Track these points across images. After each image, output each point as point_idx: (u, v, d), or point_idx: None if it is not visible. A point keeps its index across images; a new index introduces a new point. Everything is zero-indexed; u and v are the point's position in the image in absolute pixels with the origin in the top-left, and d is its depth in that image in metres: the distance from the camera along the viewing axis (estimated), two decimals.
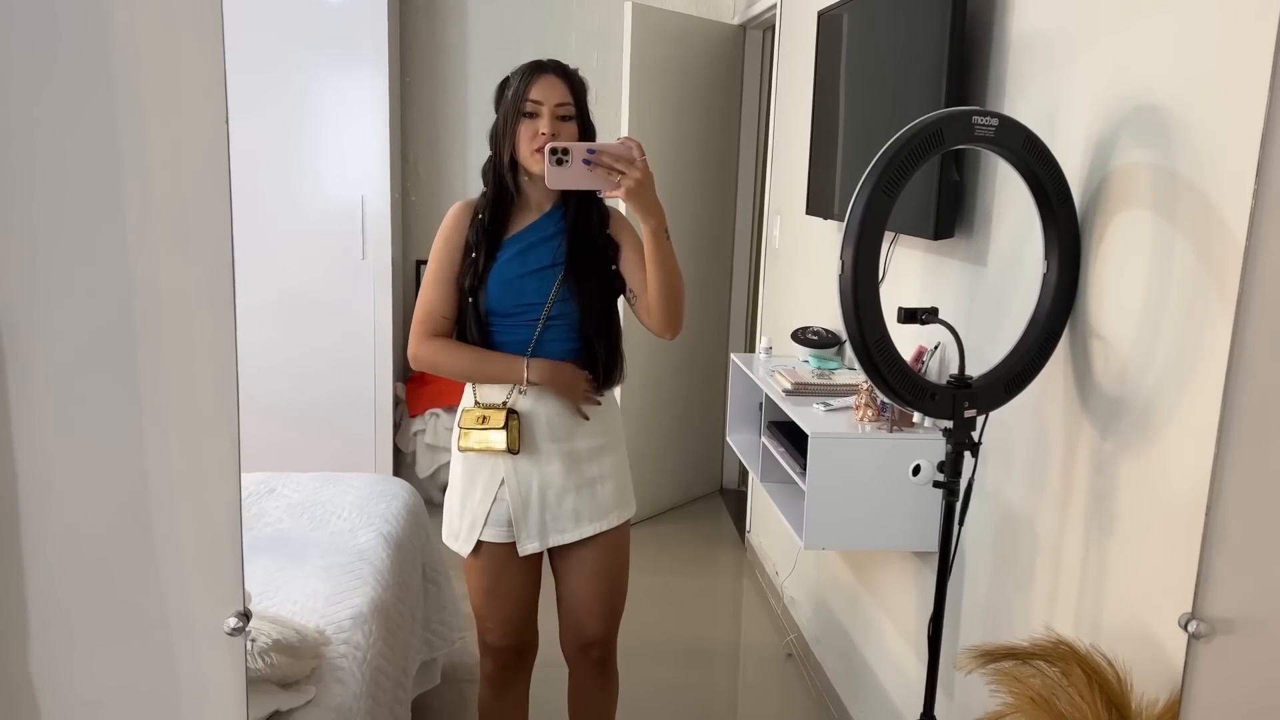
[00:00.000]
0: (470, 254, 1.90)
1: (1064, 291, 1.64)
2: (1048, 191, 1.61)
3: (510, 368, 1.89)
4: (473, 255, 1.90)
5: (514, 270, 1.89)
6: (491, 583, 1.97)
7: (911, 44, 2.11)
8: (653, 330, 1.91)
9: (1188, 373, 1.37)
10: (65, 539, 1.06)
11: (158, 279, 1.00)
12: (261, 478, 2.83)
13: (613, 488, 1.99)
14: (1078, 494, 1.65)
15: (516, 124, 1.85)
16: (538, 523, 1.94)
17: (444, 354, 1.94)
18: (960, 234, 2.06)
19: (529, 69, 1.88)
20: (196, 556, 1.04)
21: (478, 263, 1.89)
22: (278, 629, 1.72)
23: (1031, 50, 1.81)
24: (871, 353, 1.57)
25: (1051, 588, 1.72)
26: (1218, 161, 1.31)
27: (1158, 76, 1.44)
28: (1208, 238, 1.33)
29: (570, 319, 1.91)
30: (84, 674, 1.09)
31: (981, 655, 1.45)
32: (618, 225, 1.96)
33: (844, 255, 1.53)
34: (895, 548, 2.25)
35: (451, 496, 2.01)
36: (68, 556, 1.06)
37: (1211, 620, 0.99)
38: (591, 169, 1.74)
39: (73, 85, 1.00)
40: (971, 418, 1.66)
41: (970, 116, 1.55)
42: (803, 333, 2.75)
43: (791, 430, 2.40)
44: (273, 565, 2.26)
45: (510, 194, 1.91)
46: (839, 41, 2.65)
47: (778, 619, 3.36)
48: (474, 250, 1.90)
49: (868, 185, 1.51)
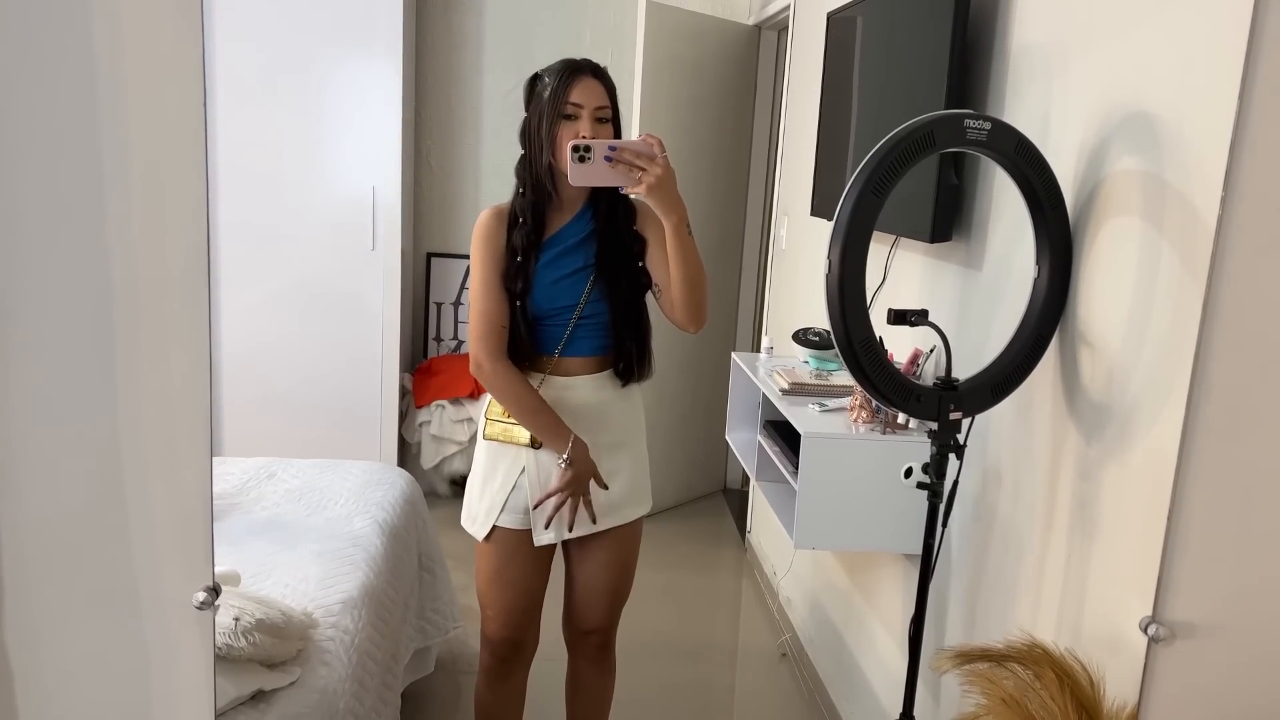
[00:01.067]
0: (515, 258, 1.89)
1: (1054, 296, 1.64)
2: (1039, 196, 1.60)
3: (557, 436, 1.88)
4: (518, 259, 1.89)
5: (551, 274, 1.90)
6: (500, 568, 1.98)
7: (915, 48, 2.11)
8: (677, 324, 1.92)
9: (1171, 380, 1.36)
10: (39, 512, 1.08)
11: (134, 260, 1.02)
12: (262, 462, 2.86)
13: (630, 483, 2.01)
14: (1062, 499, 1.64)
15: (556, 126, 1.83)
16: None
17: (509, 387, 1.89)
18: (958, 237, 2.06)
19: (566, 70, 1.85)
20: (167, 532, 1.06)
21: (526, 267, 1.89)
22: (263, 609, 1.74)
23: (1030, 59, 1.81)
24: (856, 352, 1.57)
25: (1035, 591, 1.72)
26: (1205, 171, 1.31)
27: (1150, 87, 1.44)
28: (1193, 246, 1.33)
29: (601, 319, 1.93)
30: (57, 643, 1.11)
31: (957, 656, 1.45)
32: (644, 220, 1.95)
33: (831, 255, 1.54)
34: (885, 549, 2.25)
35: (473, 482, 2.02)
36: (42, 529, 1.09)
37: (1171, 624, 0.99)
38: (613, 165, 1.75)
39: (53, 73, 1.02)
40: (957, 420, 1.66)
41: (962, 120, 1.55)
42: (803, 334, 2.75)
43: (787, 430, 2.41)
44: (267, 548, 2.28)
45: (549, 195, 1.90)
46: (847, 44, 2.66)
47: (774, 618, 3.37)
48: (519, 254, 1.89)
49: (856, 186, 1.52)
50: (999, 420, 1.87)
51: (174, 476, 1.04)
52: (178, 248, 1.00)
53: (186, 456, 1.03)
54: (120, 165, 1.01)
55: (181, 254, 1.00)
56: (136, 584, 1.07)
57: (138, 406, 1.04)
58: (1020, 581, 1.77)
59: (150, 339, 1.03)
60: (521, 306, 1.90)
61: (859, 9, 2.54)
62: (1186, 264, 1.34)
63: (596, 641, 2.11)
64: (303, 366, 4.02)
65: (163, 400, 1.04)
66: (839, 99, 2.71)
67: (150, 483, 1.05)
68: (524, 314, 1.90)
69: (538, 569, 2.02)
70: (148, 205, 1.02)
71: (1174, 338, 1.36)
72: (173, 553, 1.06)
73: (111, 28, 1.00)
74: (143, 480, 1.05)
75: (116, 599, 1.08)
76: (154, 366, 1.03)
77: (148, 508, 1.06)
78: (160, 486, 1.05)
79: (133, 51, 1.00)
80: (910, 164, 1.53)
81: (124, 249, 1.01)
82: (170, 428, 1.04)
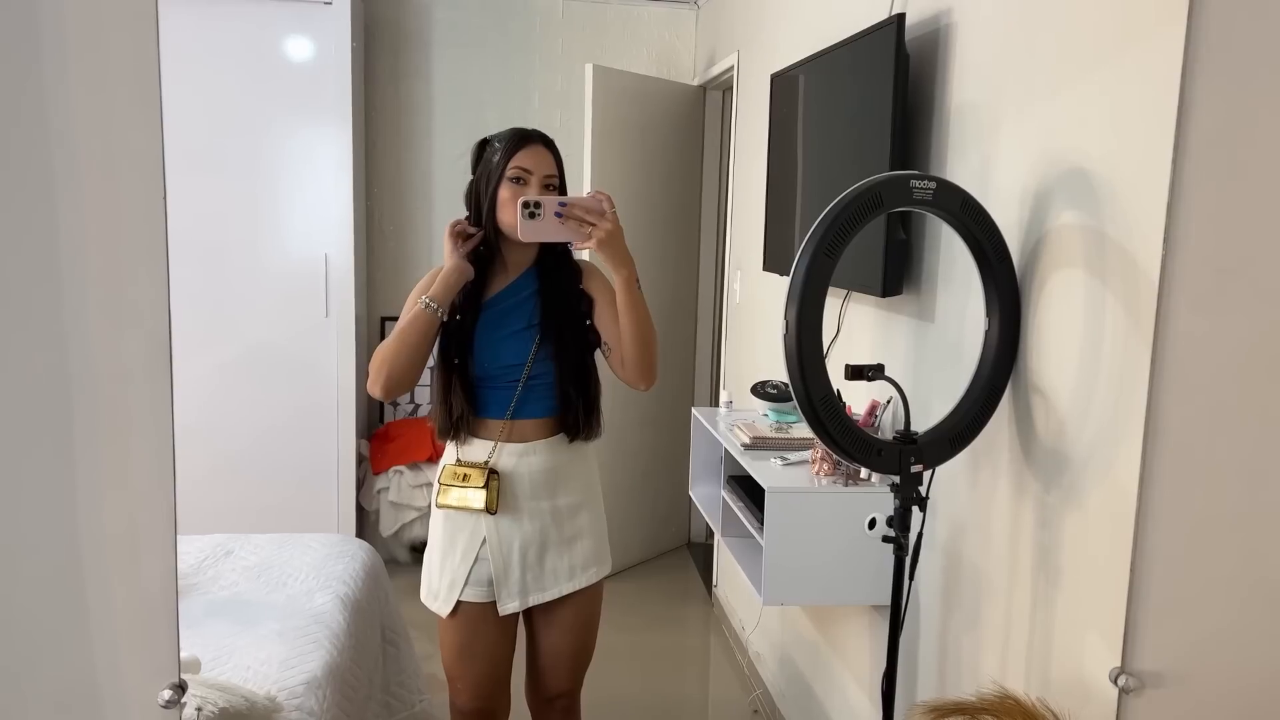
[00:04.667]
0: (454, 315, 1.91)
1: (1006, 348, 1.68)
2: (986, 251, 1.65)
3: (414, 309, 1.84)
4: (457, 318, 1.90)
5: (493, 333, 1.91)
6: (467, 641, 1.96)
7: (859, 107, 2.17)
8: (627, 382, 1.93)
9: (1123, 426, 1.40)
10: None
11: (93, 346, 1.01)
12: (219, 539, 2.80)
13: (591, 545, 2.00)
14: (1024, 547, 1.67)
15: (499, 188, 1.87)
16: (519, 582, 1.94)
17: (380, 350, 1.86)
18: (908, 291, 2.11)
19: (516, 137, 1.89)
20: (130, 627, 1.04)
21: (464, 325, 1.90)
22: (225, 697, 1.69)
23: (971, 116, 1.87)
24: (817, 410, 1.59)
25: (1003, 640, 1.73)
26: (1143, 224, 1.36)
27: (1087, 143, 1.50)
28: (1136, 297, 1.37)
29: (549, 378, 1.93)
30: None
31: (930, 711, 1.45)
32: (590, 279, 1.97)
33: (788, 315, 1.56)
34: (853, 602, 2.25)
35: (431, 555, 2.00)
36: None
37: (1140, 674, 1.00)
38: (563, 221, 1.79)
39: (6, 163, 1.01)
40: (918, 473, 1.68)
41: (908, 180, 1.59)
42: (762, 387, 2.77)
43: (751, 485, 2.41)
44: (227, 630, 2.22)
45: (493, 256, 1.93)
46: (791, 103, 2.72)
47: (744, 674, 3.34)
48: (459, 313, 1.90)
49: (809, 247, 1.55)
50: (960, 471, 1.89)
51: (136, 570, 1.02)
52: (137, 337, 0.99)
53: (150, 549, 1.01)
54: (78, 256, 1.00)
55: (141, 344, 0.99)
56: (98, 684, 1.04)
57: (99, 498, 1.02)
58: (989, 630, 1.78)
59: (110, 430, 1.01)
60: (462, 366, 1.90)
61: (802, 70, 2.61)
62: (1131, 315, 1.38)
63: (562, 705, 2.08)
64: (257, 436, 3.96)
65: (124, 492, 1.02)
66: (785, 157, 2.77)
67: (111, 578, 1.03)
68: (464, 375, 1.90)
69: (504, 638, 1.99)
70: (106, 295, 1.01)
71: (1123, 387, 1.40)
72: (136, 649, 1.03)
73: (66, 115, 1.00)
74: (104, 576, 1.03)
75: (77, 700, 1.05)
76: (115, 458, 1.01)
77: (109, 604, 1.03)
78: (122, 581, 1.03)
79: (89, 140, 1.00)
80: (860, 224, 1.57)
81: (81, 340, 1.00)
82: (132, 520, 1.02)
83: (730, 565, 3.67)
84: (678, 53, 4.50)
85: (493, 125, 1.97)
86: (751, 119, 3.43)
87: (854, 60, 2.20)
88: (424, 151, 4.39)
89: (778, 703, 2.99)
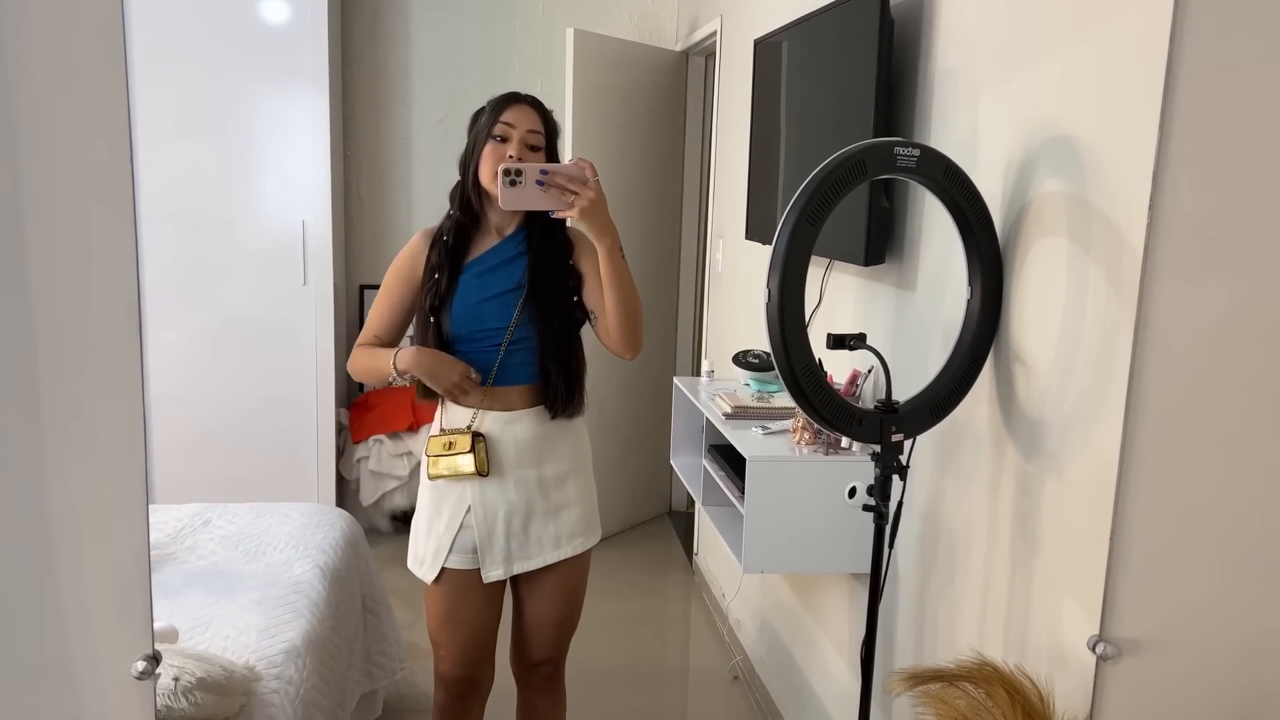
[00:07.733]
0: (433, 275, 1.90)
1: (988, 317, 1.68)
2: (969, 219, 1.64)
3: (385, 359, 1.90)
4: (435, 277, 1.90)
5: (475, 295, 1.89)
6: (451, 609, 1.96)
7: (842, 74, 2.15)
8: (613, 351, 1.92)
9: (1102, 396, 1.40)
10: None
11: (60, 313, 0.98)
12: (197, 509, 2.78)
13: (579, 515, 2.00)
14: (1004, 516, 1.68)
15: (484, 147, 1.86)
16: (503, 550, 1.94)
17: (353, 358, 1.98)
18: (891, 260, 2.10)
19: (505, 97, 1.91)
20: (102, 599, 1.02)
21: (439, 284, 1.89)
22: (203, 667, 1.68)
23: (954, 83, 1.85)
24: (799, 380, 1.58)
25: (981, 608, 1.75)
26: (1127, 192, 1.35)
27: (1071, 111, 1.49)
28: (1119, 266, 1.37)
29: (530, 344, 1.91)
30: None
31: (909, 678, 1.46)
32: (582, 254, 1.95)
33: (770, 284, 1.55)
34: (833, 570, 2.27)
35: (418, 523, 2.00)
36: None
37: (1118, 642, 1.01)
38: (545, 189, 1.76)
39: None
40: (899, 442, 1.68)
41: (892, 148, 1.58)
42: (743, 356, 2.77)
43: (732, 454, 2.41)
44: (205, 599, 2.21)
45: (475, 217, 1.92)
46: (774, 70, 2.70)
47: (724, 641, 3.36)
48: (436, 272, 1.90)
49: (792, 215, 1.53)
50: (941, 439, 1.90)
51: (108, 540, 1.00)
52: (105, 304, 0.96)
53: (121, 518, 0.99)
54: (42, 221, 0.98)
55: (111, 307, 0.96)
56: (70, 655, 1.03)
57: (67, 469, 1.00)
58: (967, 598, 1.79)
59: (78, 398, 0.99)
60: (437, 325, 1.89)
61: (785, 35, 2.58)
62: (1113, 283, 1.38)
63: (546, 672, 2.09)
64: (235, 405, 3.93)
65: (93, 462, 1.00)
66: (768, 124, 2.74)
67: (82, 550, 1.01)
68: (439, 334, 1.89)
69: (489, 606, 1.99)
70: (73, 256, 0.98)
71: (1104, 355, 1.40)
72: (109, 620, 1.02)
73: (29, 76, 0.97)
74: (74, 548, 1.01)
75: (49, 671, 1.03)
76: (83, 428, 0.99)
77: (80, 574, 1.01)
78: (93, 552, 1.01)
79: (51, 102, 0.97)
80: (844, 192, 1.56)
81: (47, 308, 0.97)
82: (103, 489, 1.00)
83: (711, 534, 3.68)
84: (660, 18, 4.45)
85: (472, 91, 1.96)
86: (734, 86, 3.40)
87: (838, 26, 2.17)
88: (402, 117, 4.33)
89: (758, 669, 3.02)
